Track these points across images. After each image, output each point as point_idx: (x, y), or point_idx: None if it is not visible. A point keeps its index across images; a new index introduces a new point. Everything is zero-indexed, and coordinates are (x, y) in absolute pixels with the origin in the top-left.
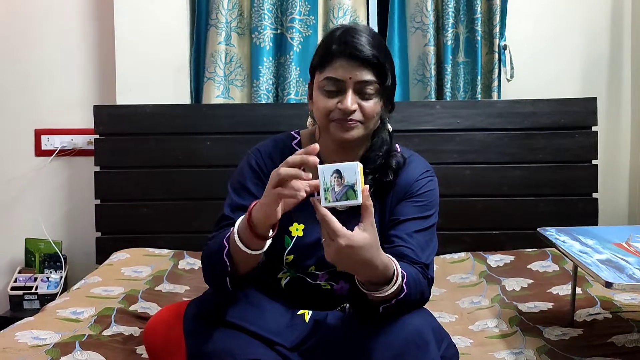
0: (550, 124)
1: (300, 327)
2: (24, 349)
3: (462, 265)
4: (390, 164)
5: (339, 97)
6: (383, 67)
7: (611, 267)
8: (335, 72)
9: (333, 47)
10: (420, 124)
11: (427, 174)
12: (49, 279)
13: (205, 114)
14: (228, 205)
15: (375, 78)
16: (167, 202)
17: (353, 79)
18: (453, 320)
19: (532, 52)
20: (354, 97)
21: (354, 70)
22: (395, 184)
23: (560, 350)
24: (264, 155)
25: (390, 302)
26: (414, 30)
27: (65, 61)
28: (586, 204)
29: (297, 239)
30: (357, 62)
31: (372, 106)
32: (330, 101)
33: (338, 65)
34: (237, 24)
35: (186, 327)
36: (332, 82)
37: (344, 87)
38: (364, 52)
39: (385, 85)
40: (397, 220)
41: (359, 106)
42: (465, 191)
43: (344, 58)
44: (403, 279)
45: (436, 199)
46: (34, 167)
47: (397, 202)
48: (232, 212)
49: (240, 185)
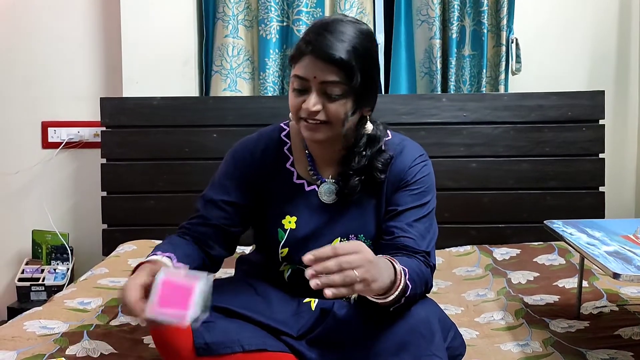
0: (557, 117)
1: (307, 316)
2: (33, 338)
3: (468, 258)
4: (376, 165)
5: (305, 96)
6: (351, 68)
7: (619, 258)
8: (301, 71)
9: (301, 43)
10: (427, 117)
11: (421, 159)
12: (56, 271)
13: (211, 106)
14: (202, 196)
15: (341, 79)
16: (173, 194)
17: (317, 78)
18: (459, 312)
19: (539, 45)
20: (318, 97)
21: (318, 70)
22: (387, 174)
23: (567, 343)
24: (244, 150)
25: (400, 302)
26: (420, 23)
27: (72, 54)
28: (593, 197)
29: (291, 231)
30: (322, 62)
31: (336, 107)
32: (297, 99)
33: (305, 64)
34: (245, 17)
35: None
36: (299, 81)
37: (309, 86)
38: (329, 53)
39: (352, 85)
40: (395, 211)
41: (324, 107)
42: (471, 184)
43: (311, 56)
44: (405, 276)
45: (432, 184)
46: (40, 159)
47: (393, 191)
48: (202, 205)
49: (215, 179)
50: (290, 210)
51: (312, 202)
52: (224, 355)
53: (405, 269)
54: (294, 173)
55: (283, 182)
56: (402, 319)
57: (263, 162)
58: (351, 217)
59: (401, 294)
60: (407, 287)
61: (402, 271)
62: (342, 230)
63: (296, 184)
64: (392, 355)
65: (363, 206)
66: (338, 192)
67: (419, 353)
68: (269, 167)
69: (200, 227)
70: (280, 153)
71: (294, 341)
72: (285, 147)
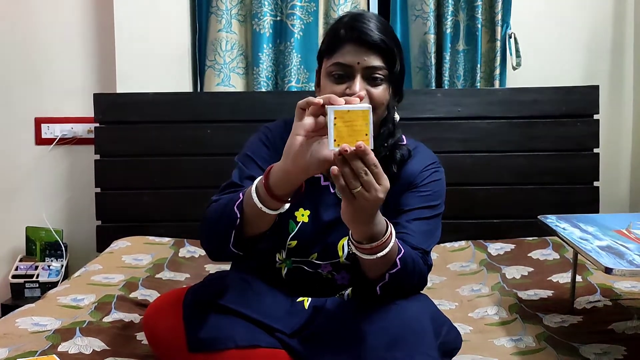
0: (551, 112)
1: (300, 314)
2: (24, 334)
3: (462, 253)
4: (395, 157)
5: (347, 82)
6: (392, 53)
7: (611, 253)
8: (344, 58)
9: (341, 32)
10: (421, 112)
11: (433, 166)
12: (50, 267)
13: (205, 101)
14: (237, 176)
15: (384, 64)
16: (167, 190)
17: (361, 64)
18: (453, 307)
19: (534, 40)
20: (362, 82)
21: (362, 55)
22: (399, 177)
23: (560, 337)
24: (275, 133)
25: (384, 280)
26: (415, 18)
27: (66, 49)
28: (587, 192)
29: (302, 224)
30: (365, 47)
31: (380, 92)
32: (339, 87)
33: (346, 51)
34: (238, 11)
35: (186, 313)
36: (340, 68)
37: (352, 72)
38: (372, 37)
39: (394, 71)
40: (401, 210)
41: (368, 92)
42: (466, 179)
43: (352, 43)
44: (399, 253)
45: (442, 190)
46: (34, 155)
47: (401, 193)
48: (241, 180)
49: (249, 158)
50: (305, 203)
51: (326, 197)
52: (216, 351)
53: (402, 249)
54: None
55: None
56: (393, 315)
57: None
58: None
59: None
60: (395, 265)
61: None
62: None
63: (314, 176)
64: (384, 351)
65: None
66: None
67: (411, 350)
68: None
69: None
70: None
71: (286, 338)
72: None
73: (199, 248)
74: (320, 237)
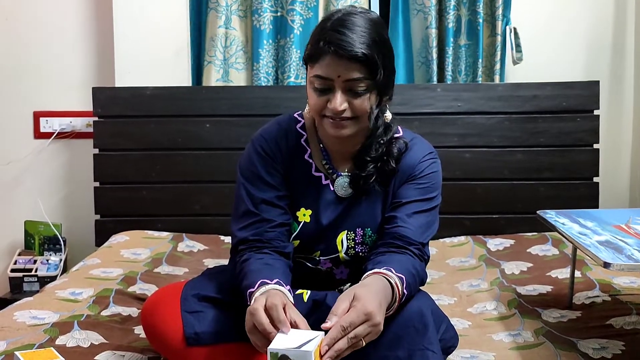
0: (552, 108)
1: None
2: (23, 328)
3: (461, 249)
4: (392, 152)
5: (329, 95)
6: (374, 63)
7: (610, 248)
8: (323, 70)
9: (321, 43)
10: (421, 107)
11: (430, 157)
12: (49, 262)
13: (204, 96)
14: (249, 200)
15: (365, 75)
16: (166, 184)
17: (342, 77)
18: (452, 302)
19: (534, 35)
20: (343, 96)
21: (342, 69)
22: (398, 170)
23: (558, 332)
24: (270, 141)
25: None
26: (416, 12)
27: (64, 43)
28: (587, 187)
29: (304, 224)
30: (345, 60)
31: (362, 103)
32: (320, 99)
33: (326, 64)
34: (238, 7)
35: (183, 307)
36: (321, 80)
37: (332, 85)
38: (352, 50)
39: (377, 79)
40: (399, 202)
41: (349, 104)
42: (465, 175)
43: (332, 56)
44: (403, 284)
45: (438, 182)
46: (33, 149)
47: (400, 185)
48: (256, 207)
49: (255, 176)
50: (306, 202)
51: (326, 196)
52: (214, 345)
53: (402, 276)
54: (312, 165)
55: (302, 174)
56: (395, 312)
57: (287, 152)
58: (361, 211)
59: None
60: (404, 295)
61: (400, 281)
62: (351, 224)
63: (314, 176)
64: (385, 349)
65: (372, 199)
66: (353, 186)
67: (413, 347)
68: (292, 158)
69: (269, 233)
70: (298, 144)
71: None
72: (302, 139)
73: (198, 242)
74: (322, 234)
